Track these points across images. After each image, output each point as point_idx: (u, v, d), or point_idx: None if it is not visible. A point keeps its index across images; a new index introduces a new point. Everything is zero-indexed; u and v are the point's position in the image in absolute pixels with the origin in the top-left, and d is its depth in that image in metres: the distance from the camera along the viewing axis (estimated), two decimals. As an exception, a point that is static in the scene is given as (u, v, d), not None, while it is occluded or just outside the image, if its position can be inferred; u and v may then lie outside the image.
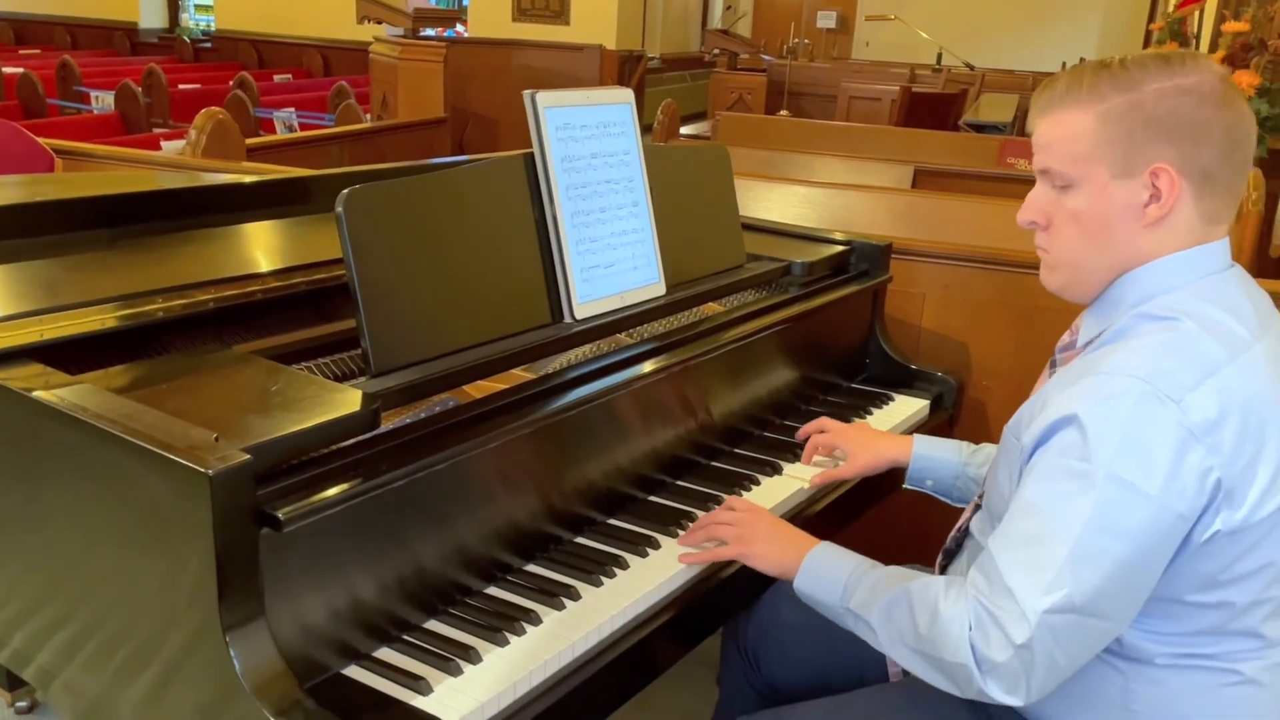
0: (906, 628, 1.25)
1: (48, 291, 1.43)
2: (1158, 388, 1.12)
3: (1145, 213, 1.22)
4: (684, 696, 2.30)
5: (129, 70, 8.66)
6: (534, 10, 7.38)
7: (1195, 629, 1.22)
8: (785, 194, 3.41)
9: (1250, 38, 4.67)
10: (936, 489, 1.73)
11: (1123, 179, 1.21)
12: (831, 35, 13.09)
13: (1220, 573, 1.18)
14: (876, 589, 1.32)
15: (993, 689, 1.17)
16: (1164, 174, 1.20)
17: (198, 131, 3.22)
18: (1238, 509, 1.14)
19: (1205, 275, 1.23)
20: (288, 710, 1.07)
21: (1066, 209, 1.26)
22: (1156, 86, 1.19)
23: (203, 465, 1.04)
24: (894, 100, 7.78)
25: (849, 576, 1.35)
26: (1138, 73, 1.21)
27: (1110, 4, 11.59)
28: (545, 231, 1.62)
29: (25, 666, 1.38)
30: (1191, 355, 1.15)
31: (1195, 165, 1.20)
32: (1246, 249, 3.17)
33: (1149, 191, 1.21)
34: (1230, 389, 1.13)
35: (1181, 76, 1.19)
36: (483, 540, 1.39)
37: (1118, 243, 1.24)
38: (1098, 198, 1.23)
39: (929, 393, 2.21)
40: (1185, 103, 1.19)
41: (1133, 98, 1.20)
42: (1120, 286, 1.26)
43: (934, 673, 1.23)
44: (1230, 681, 1.23)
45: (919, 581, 1.28)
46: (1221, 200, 1.23)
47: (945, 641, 1.20)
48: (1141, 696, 1.24)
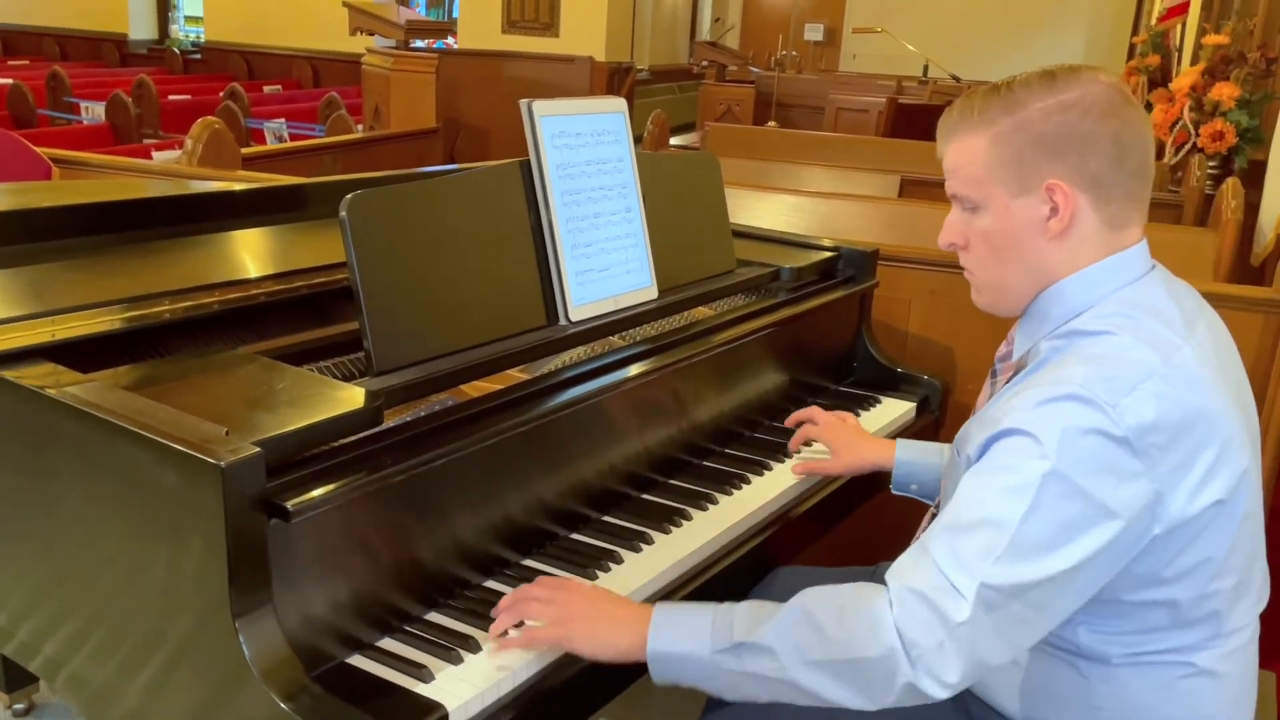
0: (808, 640, 1.18)
1: (57, 294, 1.47)
2: (1094, 394, 1.14)
3: (1048, 227, 1.26)
4: (676, 694, 2.33)
5: (119, 81, 8.68)
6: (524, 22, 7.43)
7: (1145, 626, 1.24)
8: (774, 203, 3.47)
9: (1230, 50, 4.74)
10: (922, 493, 1.76)
11: (1021, 197, 1.26)
12: (819, 48, 13.18)
13: (1161, 570, 1.20)
14: (757, 613, 1.23)
15: (922, 679, 1.12)
16: (1057, 188, 1.24)
17: (194, 141, 3.25)
18: (1169, 509, 1.17)
19: (1126, 283, 1.27)
20: (295, 695, 1.10)
21: (977, 230, 1.31)
22: (1040, 105, 1.24)
23: (215, 457, 1.08)
24: (881, 111, 7.86)
25: (715, 618, 1.24)
26: (1022, 93, 1.26)
27: (1094, 18, 11.71)
28: (541, 236, 1.67)
29: (32, 658, 1.41)
30: (1125, 364, 1.17)
31: (1085, 176, 1.24)
32: (1226, 257, 3.22)
33: (1048, 206, 1.25)
34: (1163, 393, 1.15)
35: (1064, 92, 1.24)
36: (481, 535, 1.43)
37: (1029, 258, 1.29)
38: (1002, 217, 1.28)
39: (915, 395, 2.25)
40: (1068, 118, 1.23)
41: (1018, 118, 1.25)
42: (1045, 300, 1.30)
43: (846, 684, 1.16)
44: (1187, 674, 1.26)
45: (807, 591, 1.23)
46: (1120, 205, 1.26)
47: (863, 635, 1.15)
48: (1103, 695, 1.27)
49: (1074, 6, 11.75)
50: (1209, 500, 1.18)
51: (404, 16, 8.01)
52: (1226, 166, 4.47)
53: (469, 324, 1.54)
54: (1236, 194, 3.38)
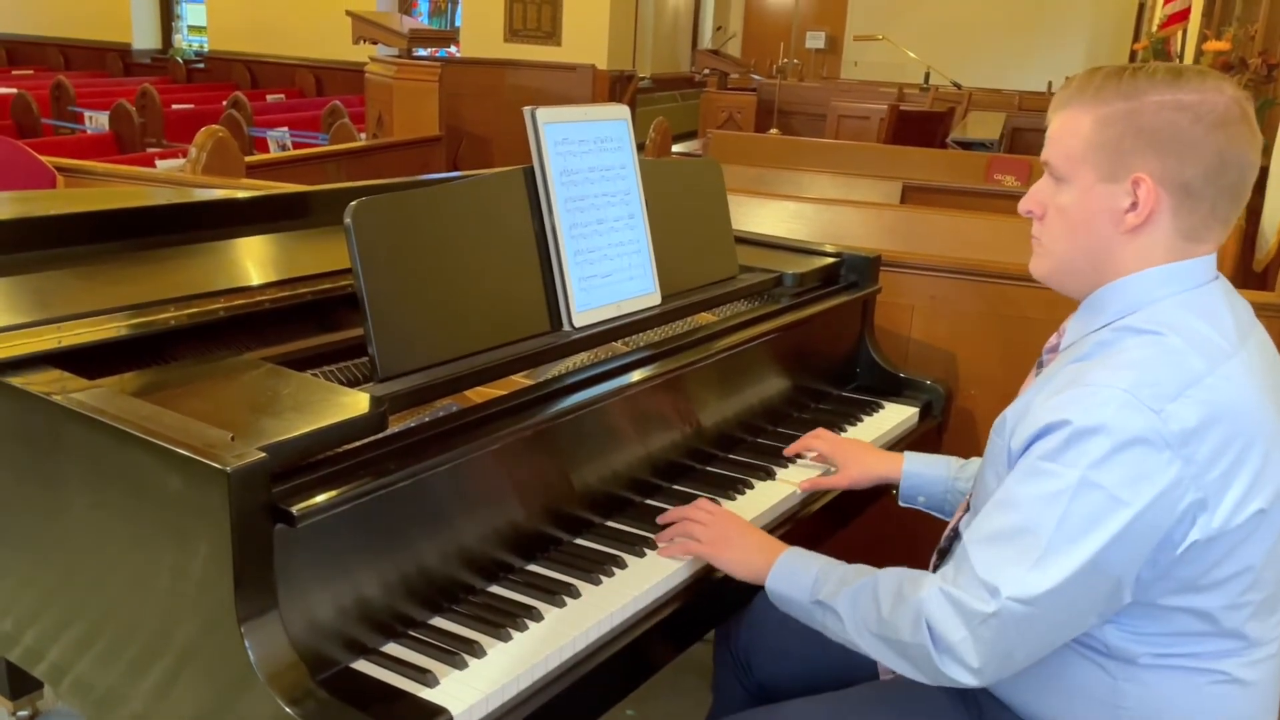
0: (870, 613, 1.31)
1: (63, 301, 1.47)
2: (1139, 397, 1.15)
3: (1124, 219, 1.25)
4: (678, 702, 2.33)
5: (123, 91, 8.70)
6: (526, 31, 7.45)
7: (1175, 630, 1.24)
8: (776, 209, 3.47)
9: (1231, 56, 4.76)
10: (929, 505, 1.76)
11: (1107, 183, 1.25)
12: (820, 55, 13.21)
13: (1198, 578, 1.20)
14: (844, 581, 1.38)
15: (950, 668, 1.22)
16: (1144, 183, 1.23)
17: (198, 149, 3.26)
18: (1213, 517, 1.17)
19: (1188, 289, 1.26)
20: (300, 700, 1.11)
21: (1057, 203, 1.30)
22: (1157, 98, 1.22)
23: (221, 463, 1.08)
24: (882, 119, 7.87)
25: (819, 571, 1.41)
26: (1144, 82, 1.24)
27: (1095, 24, 11.73)
28: (544, 242, 1.67)
29: (38, 663, 1.41)
30: (1172, 367, 1.18)
31: (1177, 180, 1.22)
32: (1228, 262, 3.23)
33: (1130, 199, 1.24)
34: (1209, 400, 1.16)
35: (1185, 93, 1.22)
36: (485, 540, 1.43)
37: (1097, 244, 1.28)
38: (1084, 197, 1.27)
39: (918, 401, 2.26)
40: (1180, 118, 1.21)
41: (1131, 105, 1.23)
42: (1104, 295, 1.30)
43: (896, 657, 1.29)
44: (1215, 680, 1.25)
45: (885, 570, 1.34)
46: (1202, 220, 1.25)
47: (904, 623, 1.26)
48: (1129, 695, 1.27)
49: (1075, 13, 11.77)
50: (1252, 510, 1.18)
51: (407, 26, 8.04)
52: (1228, 172, 4.46)
53: (473, 330, 1.54)
54: (1239, 199, 3.38)
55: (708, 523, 1.55)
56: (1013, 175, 5.19)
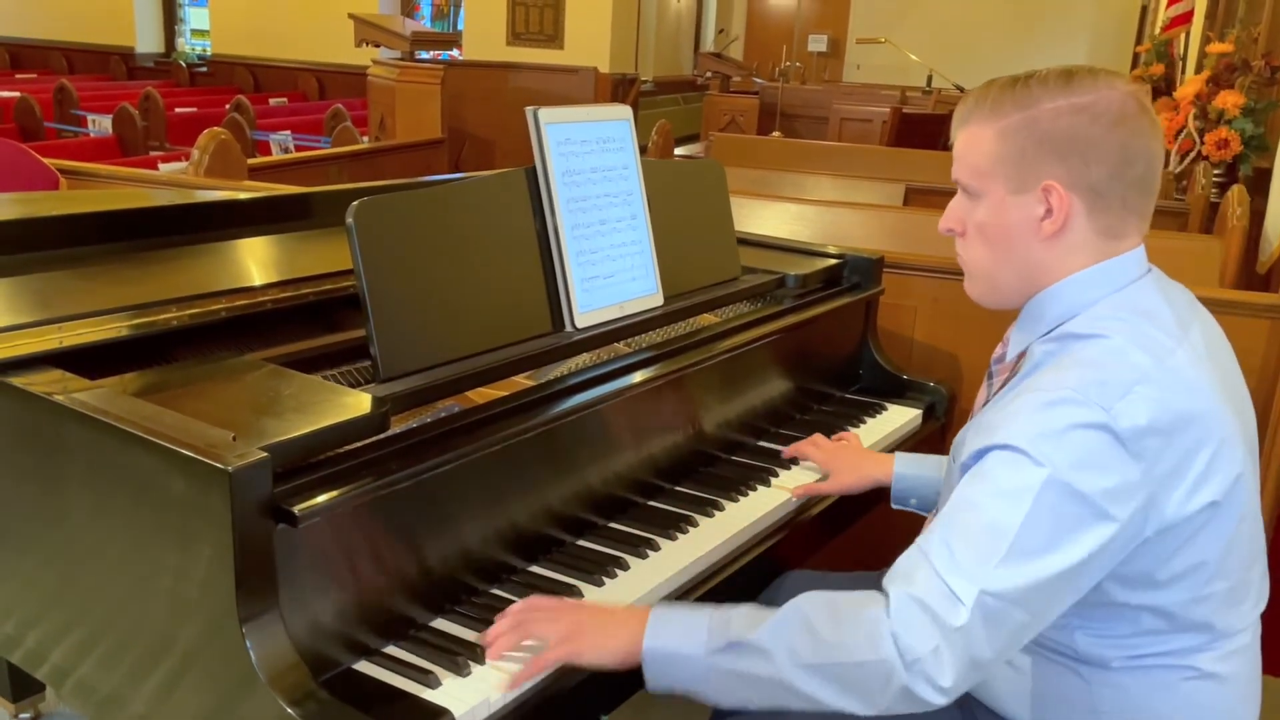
0: (802, 643, 1.17)
1: (65, 301, 1.47)
2: (1088, 396, 1.14)
3: (1041, 227, 1.26)
4: (682, 705, 2.32)
5: (125, 94, 8.72)
6: (528, 34, 7.46)
7: (1140, 629, 1.24)
8: (779, 211, 3.47)
9: (1235, 58, 4.75)
10: (921, 506, 1.75)
11: (1018, 194, 1.26)
12: (822, 58, 13.21)
13: (1154, 572, 1.20)
14: (755, 614, 1.23)
15: (919, 685, 1.12)
16: (1054, 190, 1.23)
17: (201, 151, 3.26)
18: (1164, 511, 1.17)
19: (1120, 286, 1.26)
20: (301, 700, 1.10)
21: (974, 220, 1.31)
22: (1052, 105, 1.23)
23: (222, 462, 1.08)
24: (885, 121, 7.87)
25: (710, 618, 1.24)
26: (1038, 90, 1.24)
27: (1097, 27, 11.73)
28: (547, 243, 1.67)
29: (40, 665, 1.41)
30: (1117, 367, 1.17)
31: (1084, 182, 1.23)
32: (1231, 264, 3.22)
33: (1043, 206, 1.25)
34: (1156, 396, 1.15)
35: (1078, 95, 1.22)
36: (487, 541, 1.43)
37: (1019, 255, 1.29)
38: (997, 211, 1.28)
39: (921, 402, 2.25)
40: (1077, 121, 1.22)
41: (1028, 115, 1.24)
42: (1039, 303, 1.30)
43: (840, 688, 1.15)
44: (1188, 676, 1.25)
45: (799, 598, 1.21)
46: (1117, 216, 1.25)
47: (857, 640, 1.14)
48: (1105, 699, 1.27)
49: (1078, 15, 11.78)
50: (1203, 502, 1.18)
51: (409, 28, 8.04)
52: (1231, 174, 4.47)
53: (475, 330, 1.54)
54: (1242, 201, 3.38)
55: (551, 616, 1.29)
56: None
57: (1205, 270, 3.03)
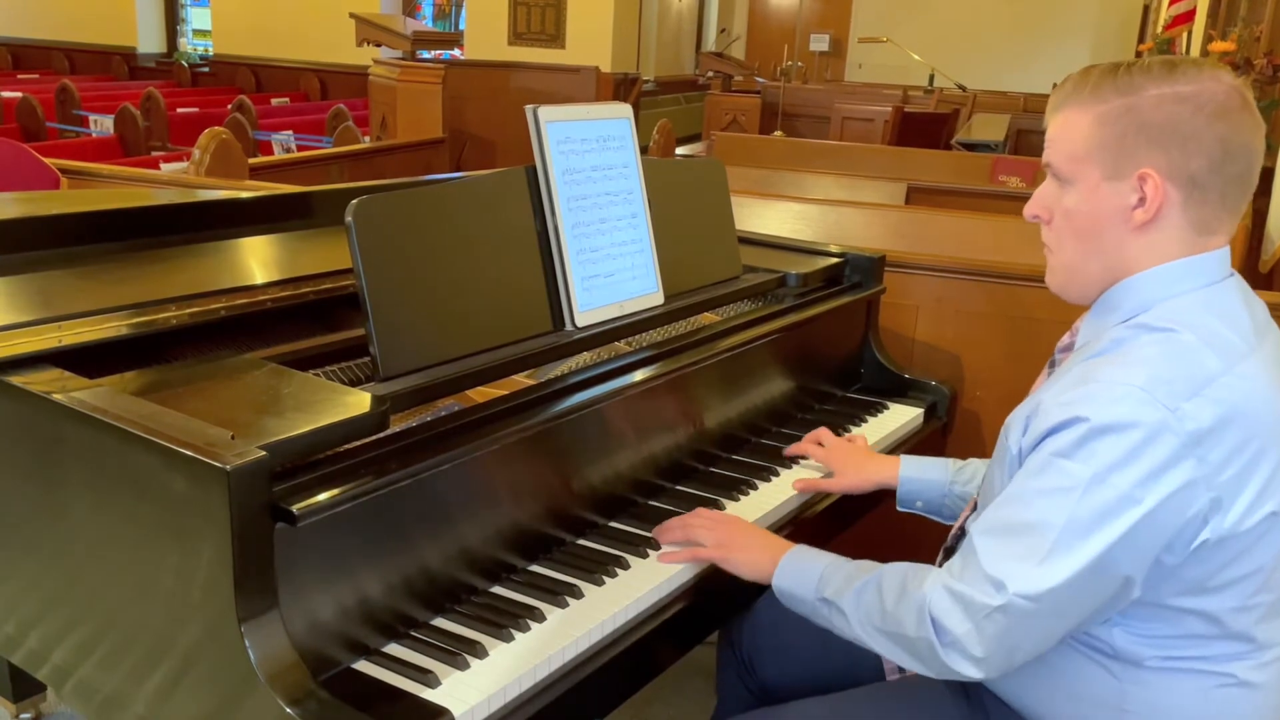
0: (874, 608, 1.31)
1: (64, 299, 1.47)
2: (1155, 396, 1.13)
3: (1132, 216, 1.23)
4: (681, 705, 2.32)
5: (127, 94, 8.74)
6: (530, 34, 7.47)
7: (1183, 633, 1.23)
8: (780, 211, 3.46)
9: (1237, 57, 4.74)
10: (927, 509, 1.75)
11: (1112, 181, 1.24)
12: (824, 58, 13.20)
13: (1207, 579, 1.19)
14: (850, 578, 1.37)
15: (955, 660, 1.21)
16: (1150, 179, 1.21)
17: (201, 151, 3.26)
18: (1225, 518, 1.15)
19: (1202, 285, 1.24)
20: (301, 700, 1.10)
21: (1063, 206, 1.29)
22: (1155, 93, 1.21)
23: (221, 461, 1.08)
24: (887, 121, 7.87)
25: (825, 569, 1.40)
26: (1140, 77, 1.22)
27: (1100, 26, 11.72)
28: (547, 242, 1.67)
29: (41, 666, 1.41)
30: (1188, 366, 1.16)
31: (1183, 173, 1.20)
32: (1234, 263, 3.22)
33: (1137, 195, 1.23)
34: (1225, 399, 1.14)
35: (1183, 84, 1.20)
36: (488, 540, 1.43)
37: (1108, 245, 1.26)
38: (1089, 197, 1.26)
39: (923, 402, 2.25)
40: (1180, 111, 1.20)
41: (1129, 102, 1.22)
42: (1117, 293, 1.28)
43: (900, 651, 1.28)
44: (1222, 683, 1.24)
45: (889, 566, 1.34)
46: (1212, 211, 1.23)
47: (908, 617, 1.25)
48: (1135, 698, 1.26)
49: (1080, 15, 11.77)
50: (1266, 511, 1.17)
51: (410, 28, 8.04)
52: (1234, 173, 4.45)
53: (475, 329, 1.54)
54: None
55: (710, 527, 1.54)
56: (1018, 176, 5.19)
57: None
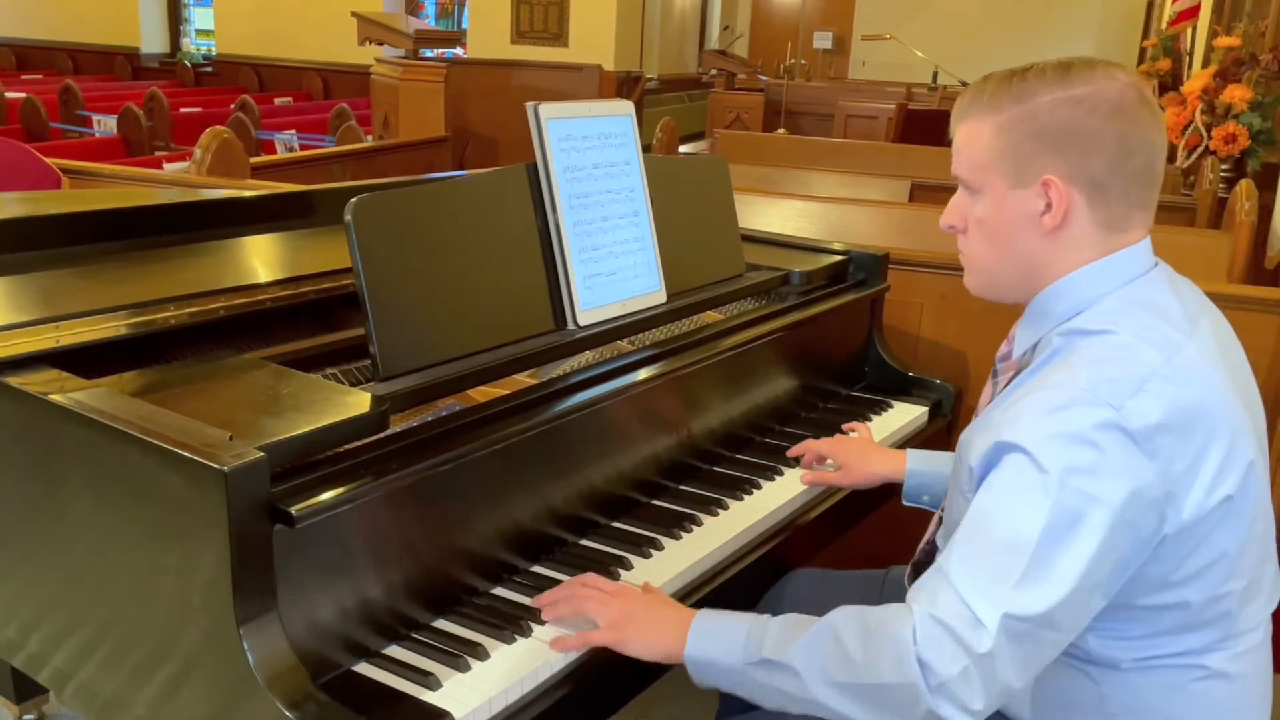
0: (834, 661, 1.17)
1: (62, 300, 1.46)
2: (1098, 395, 1.12)
3: (1041, 222, 1.24)
4: (685, 705, 2.31)
5: (131, 94, 8.73)
6: (532, 32, 7.45)
7: (1155, 630, 1.22)
8: (784, 209, 3.45)
9: (1242, 52, 4.72)
10: (933, 504, 1.73)
11: (1017, 189, 1.24)
12: (828, 55, 13.17)
13: (1171, 573, 1.18)
14: (787, 630, 1.23)
15: (944, 708, 1.10)
16: (1053, 184, 1.22)
17: (203, 150, 3.26)
18: (1182, 510, 1.15)
19: (1127, 281, 1.24)
20: (300, 703, 1.09)
21: (975, 215, 1.29)
22: (1049, 98, 1.21)
23: (218, 463, 1.07)
24: (890, 118, 7.84)
25: (749, 629, 1.25)
26: (1034, 82, 1.23)
27: (1103, 22, 11.69)
28: (548, 240, 1.65)
29: (41, 669, 1.40)
30: (1127, 364, 1.15)
31: (1083, 175, 1.21)
32: (1240, 259, 3.20)
33: (1043, 201, 1.23)
34: (1168, 392, 1.14)
35: (1076, 87, 1.21)
36: (489, 541, 1.42)
37: (1021, 251, 1.27)
38: (998, 206, 1.26)
39: (927, 400, 2.23)
40: (1074, 114, 1.20)
41: (1025, 108, 1.22)
42: (1044, 299, 1.28)
43: (869, 708, 1.15)
44: (1199, 676, 1.24)
45: (839, 611, 1.21)
46: (1119, 209, 1.23)
47: (884, 662, 1.13)
48: (1116, 700, 1.25)
49: (1083, 11, 11.73)
50: (1219, 497, 1.16)
51: (412, 26, 8.04)
52: (1239, 169, 4.44)
53: (476, 328, 1.53)
54: (1250, 196, 3.35)
55: (603, 601, 1.33)
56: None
57: (1213, 266, 3.01)
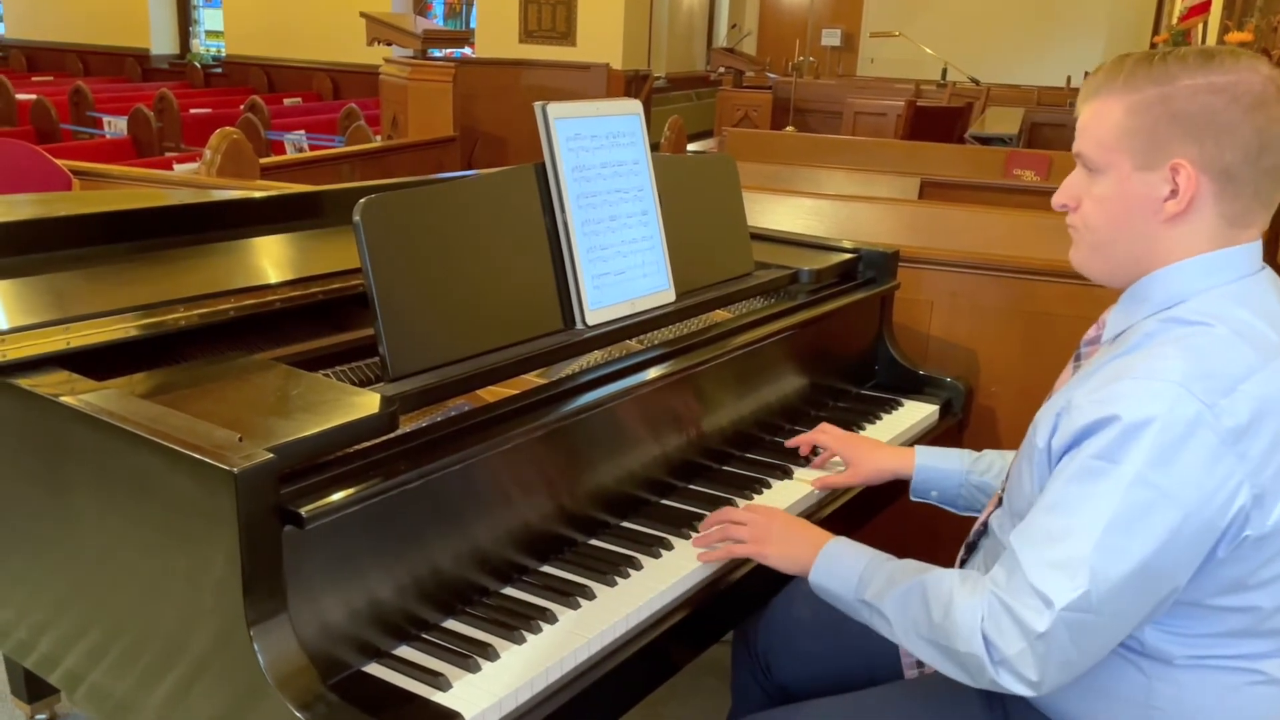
0: (920, 618, 1.27)
1: (72, 301, 1.46)
2: (1191, 391, 1.11)
3: (1164, 207, 1.21)
4: (696, 705, 2.31)
5: (141, 95, 8.76)
6: (540, 31, 7.45)
7: (1220, 631, 1.21)
8: (793, 206, 3.44)
9: (1254, 48, 4.69)
10: (941, 500, 1.73)
11: (1144, 171, 1.21)
12: (836, 52, 13.15)
13: (1247, 577, 1.17)
14: (892, 580, 1.33)
15: (1005, 679, 1.17)
16: (1183, 170, 1.19)
17: (213, 151, 3.26)
18: (1267, 515, 1.13)
19: (1234, 279, 1.22)
20: (310, 704, 1.09)
21: (1093, 194, 1.26)
22: (1189, 82, 1.18)
23: (228, 464, 1.07)
24: (899, 115, 7.81)
25: (865, 568, 1.37)
26: (1175, 66, 1.20)
27: (1114, 18, 11.64)
28: (557, 239, 1.65)
29: (52, 670, 1.40)
30: (1223, 360, 1.14)
31: (1216, 164, 1.18)
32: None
33: (1169, 186, 1.20)
34: (1262, 395, 1.12)
35: (1218, 74, 1.18)
36: (498, 541, 1.42)
37: (1137, 234, 1.24)
38: (1121, 187, 1.23)
39: (938, 398, 2.23)
40: (1215, 101, 1.17)
41: (1163, 91, 1.19)
42: (1146, 284, 1.26)
43: (947, 662, 1.24)
44: (1253, 681, 1.22)
45: (933, 573, 1.30)
46: (1245, 204, 1.20)
47: (958, 632, 1.21)
48: (1163, 695, 1.24)
49: (1094, 7, 11.69)
50: None
51: (421, 26, 8.04)
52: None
53: (485, 328, 1.53)
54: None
55: (747, 520, 1.53)
56: (1032, 170, 5.14)
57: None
